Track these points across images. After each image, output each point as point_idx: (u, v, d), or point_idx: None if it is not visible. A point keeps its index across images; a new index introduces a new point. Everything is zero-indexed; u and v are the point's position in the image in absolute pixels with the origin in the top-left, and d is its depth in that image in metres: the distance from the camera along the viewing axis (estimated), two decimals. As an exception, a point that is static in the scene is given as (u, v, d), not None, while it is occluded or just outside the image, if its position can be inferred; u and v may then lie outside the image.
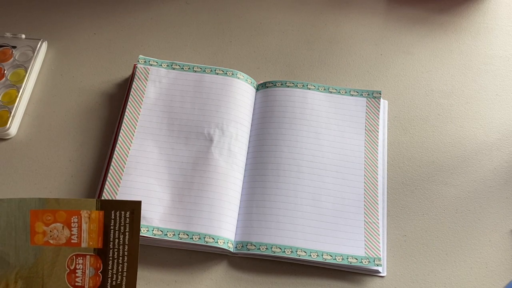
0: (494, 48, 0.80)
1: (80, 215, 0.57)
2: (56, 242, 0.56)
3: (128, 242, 0.57)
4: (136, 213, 0.57)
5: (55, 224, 0.57)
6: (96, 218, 0.57)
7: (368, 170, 0.67)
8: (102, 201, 0.57)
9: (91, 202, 0.57)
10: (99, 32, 0.79)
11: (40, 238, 0.56)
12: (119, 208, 0.57)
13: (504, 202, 0.67)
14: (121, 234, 0.57)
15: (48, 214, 0.57)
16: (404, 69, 0.77)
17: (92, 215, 0.57)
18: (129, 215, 0.57)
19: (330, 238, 0.62)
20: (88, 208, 0.57)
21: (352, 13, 0.83)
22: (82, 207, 0.57)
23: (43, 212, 0.57)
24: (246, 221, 0.63)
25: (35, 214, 0.57)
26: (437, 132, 0.72)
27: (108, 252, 0.56)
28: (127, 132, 0.68)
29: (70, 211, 0.57)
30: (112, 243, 0.57)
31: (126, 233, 0.57)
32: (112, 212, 0.57)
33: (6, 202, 0.57)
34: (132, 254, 0.57)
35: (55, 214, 0.57)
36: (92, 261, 0.56)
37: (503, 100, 0.75)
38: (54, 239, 0.56)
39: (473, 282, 0.62)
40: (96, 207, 0.57)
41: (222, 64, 0.77)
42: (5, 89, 0.72)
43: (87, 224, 0.57)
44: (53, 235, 0.56)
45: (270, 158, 0.67)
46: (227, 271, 0.62)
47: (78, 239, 0.57)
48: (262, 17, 0.82)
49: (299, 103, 0.71)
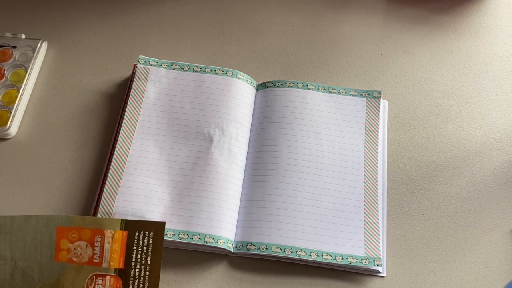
0: (494, 48, 0.80)
1: (104, 235, 0.57)
2: (78, 260, 0.57)
3: (150, 262, 0.57)
4: (160, 234, 0.58)
5: (79, 242, 0.57)
6: (119, 238, 0.57)
7: (368, 170, 0.67)
8: (127, 221, 0.58)
9: (116, 222, 0.58)
10: (99, 32, 0.79)
11: (64, 255, 0.57)
12: (143, 228, 0.58)
13: (504, 202, 0.67)
14: (143, 254, 0.57)
15: (74, 231, 0.57)
16: (404, 69, 0.77)
17: (116, 235, 0.57)
18: (152, 235, 0.58)
19: (330, 238, 0.62)
20: (113, 228, 0.58)
21: (352, 13, 0.83)
22: (106, 226, 0.58)
23: (69, 230, 0.57)
24: (246, 221, 0.63)
25: (61, 231, 0.57)
26: (437, 132, 0.72)
27: (129, 272, 0.57)
28: (127, 132, 0.68)
29: (95, 230, 0.57)
30: (134, 263, 0.57)
31: (148, 253, 0.57)
32: (136, 232, 0.58)
33: (34, 219, 0.57)
34: (153, 274, 0.57)
35: (80, 232, 0.57)
36: (112, 282, 0.57)
37: (503, 100, 0.75)
38: (77, 257, 0.57)
39: (473, 282, 0.62)
40: (120, 227, 0.58)
41: (222, 64, 0.77)
42: (5, 89, 0.72)
43: (109, 244, 0.57)
44: (77, 252, 0.57)
45: (270, 158, 0.67)
46: (227, 271, 0.62)
47: (99, 258, 0.57)
48: (262, 17, 0.82)
49: (299, 103, 0.71)
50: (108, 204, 0.62)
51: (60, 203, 0.65)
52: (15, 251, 0.57)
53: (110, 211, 0.62)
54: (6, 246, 0.57)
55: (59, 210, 0.64)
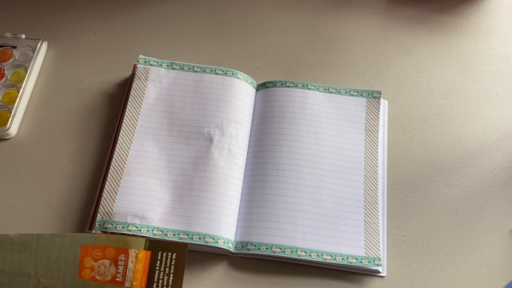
0: (494, 48, 0.80)
1: (128, 254, 0.57)
2: (101, 278, 0.57)
3: (172, 283, 0.57)
4: (182, 255, 0.58)
5: (103, 260, 0.57)
6: (142, 258, 0.57)
7: (368, 170, 0.67)
8: (151, 241, 0.58)
9: (140, 241, 0.58)
10: (99, 32, 0.79)
11: (87, 273, 0.57)
12: (167, 249, 0.58)
13: (504, 202, 0.67)
14: (165, 275, 0.57)
15: (98, 250, 0.57)
16: (404, 69, 0.77)
17: (140, 254, 0.58)
18: (175, 256, 0.58)
19: (330, 238, 0.62)
20: (137, 247, 0.58)
21: (352, 13, 0.83)
22: (131, 246, 0.58)
23: (93, 248, 0.58)
24: (246, 221, 0.63)
25: (86, 249, 0.57)
26: (437, 132, 0.72)
27: None
28: (127, 132, 0.68)
29: (119, 249, 0.58)
30: (156, 283, 0.57)
31: (170, 274, 0.57)
32: (159, 253, 0.58)
33: (60, 237, 0.58)
34: None
35: (104, 250, 0.58)
36: None
37: (503, 100, 0.75)
38: (101, 275, 0.57)
39: (473, 282, 0.62)
40: (145, 247, 0.58)
41: (222, 64, 0.77)
42: (5, 89, 0.72)
43: (133, 264, 0.57)
44: (100, 271, 0.57)
45: (270, 158, 0.67)
46: (227, 271, 0.62)
47: (122, 277, 0.57)
48: (262, 17, 0.82)
49: (299, 103, 0.71)
50: (108, 204, 0.62)
51: (60, 203, 0.65)
52: (39, 269, 0.57)
53: (110, 211, 0.62)
54: (30, 264, 0.57)
55: (59, 210, 0.64)
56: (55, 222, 0.64)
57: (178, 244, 0.59)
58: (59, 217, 0.64)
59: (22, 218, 0.64)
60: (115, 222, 0.61)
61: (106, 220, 0.61)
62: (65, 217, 0.64)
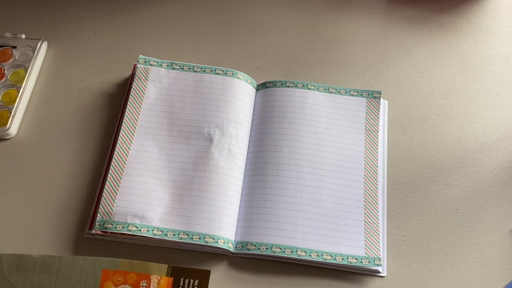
0: (494, 48, 0.80)
1: (150, 280, 0.57)
2: None
3: None
4: (204, 282, 0.58)
5: (124, 286, 0.57)
6: (164, 284, 0.57)
7: (368, 170, 0.67)
8: (174, 267, 0.58)
9: (163, 268, 0.58)
10: (99, 32, 0.79)
11: None
12: (189, 275, 0.58)
13: (504, 202, 0.67)
14: None
15: (119, 275, 0.57)
16: (404, 69, 0.77)
17: (162, 281, 0.57)
18: (197, 283, 0.58)
19: (330, 238, 0.62)
20: (159, 274, 0.58)
21: (352, 13, 0.83)
22: (153, 272, 0.58)
23: (114, 273, 0.57)
24: (246, 221, 0.63)
25: (107, 274, 0.57)
26: (437, 132, 0.72)
27: None
28: (127, 132, 0.68)
29: (141, 274, 0.58)
30: None
31: None
32: (181, 279, 0.58)
33: (81, 260, 0.58)
34: None
35: (126, 275, 0.57)
36: None
37: (503, 100, 0.75)
38: None
39: (473, 282, 0.62)
40: (167, 273, 0.58)
41: (222, 64, 0.77)
42: (5, 89, 0.72)
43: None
44: None
45: (270, 158, 0.67)
46: (227, 271, 0.62)
47: None
48: (262, 17, 0.82)
49: (299, 103, 0.71)
50: (108, 204, 0.62)
51: (60, 203, 0.65)
52: None
53: (110, 211, 0.62)
54: (51, 286, 0.57)
55: (59, 210, 0.64)
56: (55, 222, 0.64)
57: (200, 271, 0.58)
58: (59, 217, 0.64)
59: (22, 218, 0.64)
60: (115, 222, 0.61)
61: (106, 220, 0.61)
62: (65, 217, 0.64)
